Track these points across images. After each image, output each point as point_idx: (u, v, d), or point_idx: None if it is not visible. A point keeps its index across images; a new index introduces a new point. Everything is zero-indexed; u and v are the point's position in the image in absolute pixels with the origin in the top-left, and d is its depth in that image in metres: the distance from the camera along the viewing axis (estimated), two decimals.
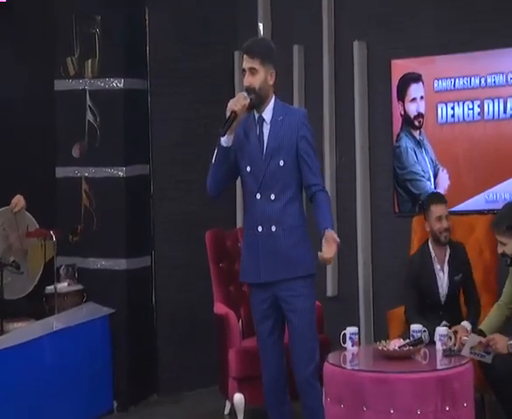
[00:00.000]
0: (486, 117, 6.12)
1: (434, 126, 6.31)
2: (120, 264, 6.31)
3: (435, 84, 6.28)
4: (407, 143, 6.38)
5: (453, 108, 6.22)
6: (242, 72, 4.49)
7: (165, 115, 6.54)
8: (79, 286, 6.20)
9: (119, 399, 6.17)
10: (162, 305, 6.53)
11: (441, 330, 4.92)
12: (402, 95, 6.38)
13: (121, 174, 6.32)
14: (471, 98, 6.16)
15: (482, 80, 6.11)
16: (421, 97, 6.32)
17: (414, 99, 6.35)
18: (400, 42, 6.38)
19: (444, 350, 4.81)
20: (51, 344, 5.49)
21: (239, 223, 6.60)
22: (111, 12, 6.30)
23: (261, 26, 6.73)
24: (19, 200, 5.78)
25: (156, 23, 6.50)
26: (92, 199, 6.37)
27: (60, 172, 6.45)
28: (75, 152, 6.41)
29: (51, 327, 5.64)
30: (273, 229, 4.45)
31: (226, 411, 5.86)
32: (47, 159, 6.40)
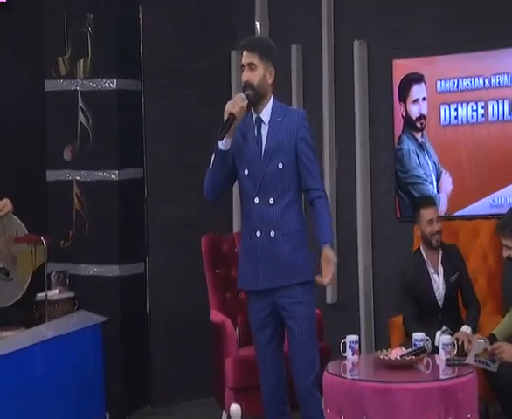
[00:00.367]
0: (490, 118, 6.12)
1: (437, 128, 6.31)
2: (112, 271, 6.30)
3: (438, 84, 6.28)
4: (409, 146, 6.38)
5: (457, 110, 6.22)
6: (241, 68, 4.48)
7: (159, 117, 6.54)
8: (70, 294, 6.18)
9: (111, 409, 6.15)
10: (156, 312, 6.52)
11: (445, 338, 4.91)
12: (404, 96, 6.38)
13: (114, 177, 6.31)
14: (475, 99, 6.16)
15: (486, 81, 6.11)
16: (423, 98, 6.32)
17: (416, 100, 6.35)
18: (402, 41, 6.38)
19: (447, 359, 4.81)
20: (41, 353, 5.46)
21: (236, 228, 6.59)
22: (103, 11, 6.30)
23: (259, 25, 6.74)
24: (6, 203, 5.75)
25: (150, 21, 6.49)
26: (84, 203, 6.36)
27: (51, 175, 6.44)
28: (66, 155, 6.40)
29: (41, 336, 5.61)
30: (272, 234, 4.44)
31: None
32: (38, 162, 6.39)
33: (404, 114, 6.39)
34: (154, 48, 6.51)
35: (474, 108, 6.16)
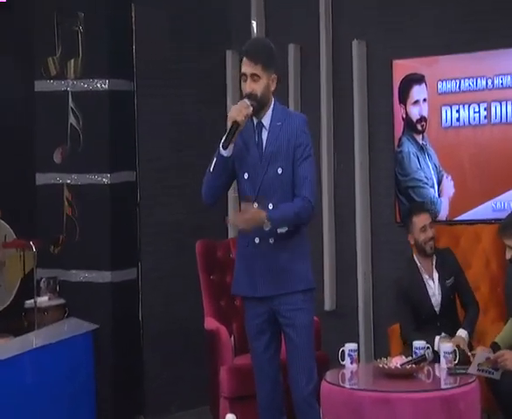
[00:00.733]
0: (493, 120, 6.13)
1: (438, 130, 6.32)
2: (104, 277, 6.29)
3: (439, 85, 6.29)
4: (409, 148, 6.39)
5: (458, 111, 6.23)
6: (242, 77, 4.47)
7: (153, 118, 6.54)
8: (60, 300, 6.18)
9: None
10: (149, 320, 6.51)
11: (446, 347, 4.92)
12: (404, 97, 6.39)
13: (106, 180, 6.31)
14: (477, 100, 6.16)
15: (489, 81, 6.12)
16: (424, 99, 6.33)
17: (417, 101, 6.36)
18: (402, 41, 6.39)
19: (449, 368, 4.81)
20: (30, 362, 5.46)
21: (232, 233, 6.59)
22: (95, 9, 6.30)
23: (255, 24, 6.74)
24: None
25: (143, 20, 6.49)
26: (74, 207, 6.35)
27: (41, 179, 6.43)
28: (57, 157, 6.40)
29: (30, 345, 5.62)
30: (272, 241, 4.44)
31: None
32: (27, 164, 6.39)
33: (404, 116, 6.40)
34: (147, 47, 6.50)
35: (477, 110, 6.17)
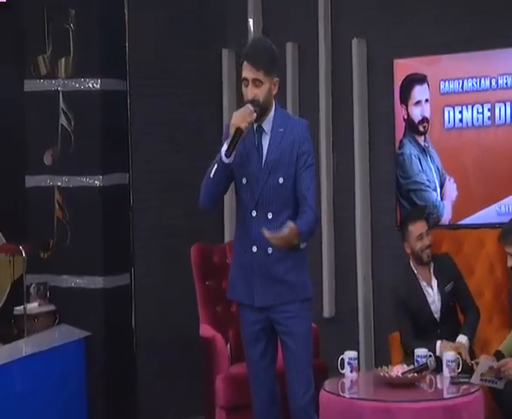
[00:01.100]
0: (497, 122, 6.13)
1: (440, 131, 6.32)
2: (96, 283, 6.29)
3: (441, 85, 6.29)
4: (411, 150, 6.39)
5: (461, 112, 6.24)
6: (243, 81, 4.45)
7: (146, 119, 6.54)
8: (51, 307, 6.18)
9: None
10: (142, 327, 6.51)
11: (449, 355, 4.92)
12: (405, 98, 6.39)
13: (98, 183, 6.31)
14: (481, 100, 6.17)
15: (493, 81, 6.13)
16: (426, 100, 6.34)
17: (419, 102, 6.36)
18: (403, 40, 6.39)
19: (452, 377, 4.82)
20: (19, 371, 5.46)
21: (228, 237, 6.59)
22: (87, 5, 6.30)
23: (252, 22, 6.74)
24: None
25: (137, 18, 6.49)
26: (65, 211, 6.35)
27: (30, 181, 6.43)
28: (47, 159, 6.39)
29: (20, 352, 5.61)
30: (270, 250, 4.43)
31: None
32: (16, 167, 6.38)
33: (405, 117, 6.40)
34: (140, 46, 6.50)
35: (480, 111, 6.18)
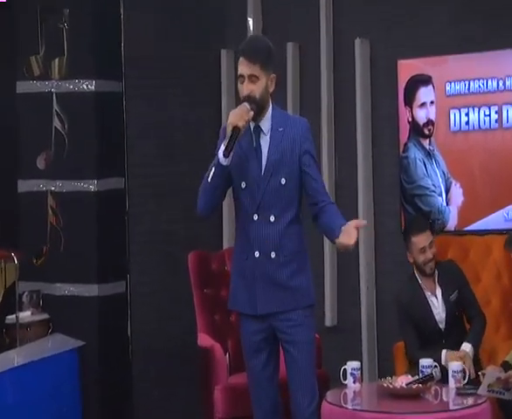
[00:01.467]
0: (504, 124, 6.13)
1: (446, 134, 6.32)
2: (90, 290, 6.29)
3: (447, 87, 6.29)
4: (416, 154, 6.39)
5: (468, 114, 6.24)
6: (239, 78, 4.45)
7: (142, 121, 6.54)
8: (44, 315, 6.18)
9: None
10: (138, 336, 6.51)
11: (454, 365, 4.92)
12: (410, 100, 6.39)
13: (93, 188, 6.32)
14: (487, 103, 6.17)
15: (500, 83, 6.12)
16: (431, 102, 6.33)
17: (423, 104, 6.36)
18: (407, 40, 6.39)
19: (457, 388, 4.81)
20: (11, 381, 5.45)
21: (226, 244, 6.58)
22: (81, 5, 6.31)
23: (251, 22, 6.75)
24: None
25: (132, 17, 6.50)
26: (59, 216, 6.35)
27: (23, 186, 6.43)
28: (40, 163, 6.40)
29: (11, 363, 5.61)
30: (273, 255, 4.43)
31: None
32: (8, 171, 6.39)
33: (410, 119, 6.40)
34: (136, 46, 6.51)
35: (487, 113, 6.17)
